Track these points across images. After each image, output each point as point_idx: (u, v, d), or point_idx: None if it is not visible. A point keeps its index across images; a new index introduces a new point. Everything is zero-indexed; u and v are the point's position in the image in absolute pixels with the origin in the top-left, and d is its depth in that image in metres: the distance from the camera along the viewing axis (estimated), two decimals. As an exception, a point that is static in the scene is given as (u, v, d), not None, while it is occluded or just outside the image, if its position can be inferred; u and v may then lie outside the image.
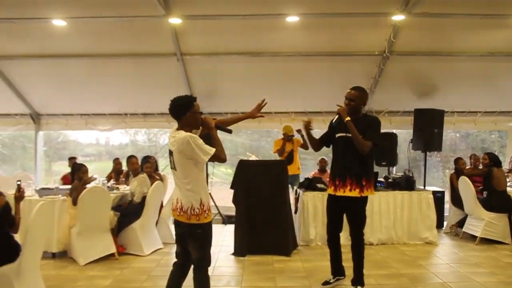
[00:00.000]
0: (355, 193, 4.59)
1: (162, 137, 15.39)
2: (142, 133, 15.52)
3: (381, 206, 7.14)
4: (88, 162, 15.00)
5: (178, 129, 3.72)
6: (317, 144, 5.00)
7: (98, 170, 9.35)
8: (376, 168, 8.73)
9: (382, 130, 8.69)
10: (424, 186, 8.23)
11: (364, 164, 4.58)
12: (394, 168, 8.96)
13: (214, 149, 3.58)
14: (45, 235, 4.87)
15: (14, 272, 4.16)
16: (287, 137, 8.61)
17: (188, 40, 7.85)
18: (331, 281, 5.03)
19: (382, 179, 7.75)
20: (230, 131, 4.07)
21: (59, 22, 7.18)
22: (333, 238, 4.99)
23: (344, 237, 6.06)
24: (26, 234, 4.30)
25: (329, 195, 4.87)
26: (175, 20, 7.08)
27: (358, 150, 4.46)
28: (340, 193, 4.66)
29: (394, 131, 9.12)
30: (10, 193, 5.02)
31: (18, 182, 4.56)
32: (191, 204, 3.63)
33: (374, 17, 7.29)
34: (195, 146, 3.52)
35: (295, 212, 7.34)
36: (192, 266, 3.85)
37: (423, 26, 7.48)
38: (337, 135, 4.70)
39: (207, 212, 3.69)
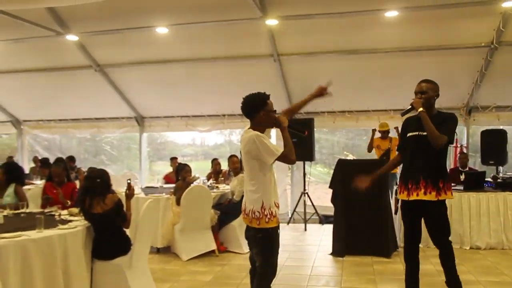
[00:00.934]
0: (431, 197, 4.06)
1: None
2: (237, 133, 15.84)
3: (490, 207, 6.70)
4: (185, 162, 15.54)
5: (250, 128, 3.59)
6: (400, 161, 4.57)
7: (195, 170, 9.71)
8: (483, 167, 8.24)
9: (489, 127, 8.39)
10: (540, 187, 7.57)
11: (439, 164, 4.13)
12: (503, 167, 8.35)
13: (281, 150, 3.41)
14: (152, 231, 5.14)
15: (126, 263, 4.45)
16: (383, 134, 8.34)
17: (285, 40, 7.92)
18: None
19: (490, 179, 7.27)
20: (303, 132, 3.92)
21: (161, 30, 7.59)
22: (410, 249, 4.49)
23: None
24: (137, 229, 4.58)
25: (403, 201, 4.35)
26: (271, 22, 7.17)
27: (432, 144, 3.95)
28: (413, 197, 4.14)
29: (503, 127, 8.52)
30: (120, 191, 5.38)
31: (128, 181, 4.85)
32: (252, 207, 3.48)
33: (481, 6, 6.82)
34: (261, 146, 3.39)
35: (395, 213, 7.10)
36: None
37: (537, 13, 6.89)
38: (408, 135, 4.27)
39: (268, 216, 3.45)
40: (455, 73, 8.27)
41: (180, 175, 6.84)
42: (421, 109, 4.02)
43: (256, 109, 3.54)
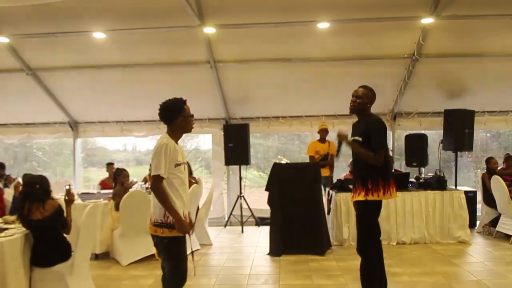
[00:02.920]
0: (360, 197, 4.23)
1: (189, 142, 15.67)
2: (170, 139, 15.74)
3: (413, 206, 7.23)
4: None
5: (167, 132, 3.59)
6: None
7: (136, 175, 9.66)
8: (407, 169, 8.84)
9: (412, 131, 9.02)
10: (456, 186, 8.27)
11: (368, 166, 4.19)
12: (425, 169, 9.00)
13: (161, 171, 3.40)
14: (94, 236, 5.13)
15: (68, 270, 4.45)
16: (322, 134, 8.54)
17: (221, 48, 8.09)
18: None
19: (413, 180, 7.84)
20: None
21: (99, 35, 7.52)
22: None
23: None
24: (78, 235, 4.59)
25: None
26: (209, 30, 7.33)
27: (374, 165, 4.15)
28: (353, 199, 4.38)
29: (424, 132, 9.18)
30: (57, 197, 5.32)
31: (67, 187, 4.82)
32: (156, 216, 3.49)
33: (403, 21, 7.38)
34: (156, 156, 3.42)
35: (328, 213, 7.49)
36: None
37: (452, 28, 7.54)
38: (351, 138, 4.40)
39: (171, 224, 3.45)
40: (381, 81, 8.82)
41: (118, 180, 6.82)
42: (347, 142, 4.27)
43: (173, 115, 3.53)
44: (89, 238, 4.88)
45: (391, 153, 9.55)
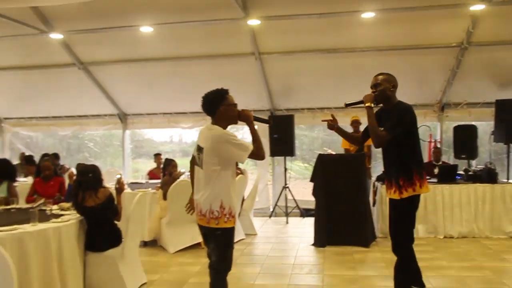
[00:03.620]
0: (395, 196, 3.91)
1: (237, 133, 15.78)
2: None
3: (461, 199, 7.07)
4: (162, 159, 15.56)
5: (212, 124, 3.47)
6: (359, 140, 4.35)
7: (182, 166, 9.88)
8: (455, 161, 8.62)
9: (461, 122, 8.76)
10: (508, 179, 7.98)
11: (399, 161, 3.89)
12: (475, 161, 8.75)
13: (251, 147, 3.34)
14: (143, 223, 5.31)
15: (118, 255, 4.63)
16: (355, 127, 8.37)
17: (266, 39, 8.15)
18: None
19: (461, 172, 7.64)
20: (269, 122, 3.78)
21: (146, 29, 7.74)
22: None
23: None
24: (128, 222, 4.77)
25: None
26: (253, 22, 7.39)
27: (373, 143, 3.91)
28: (388, 195, 4.06)
29: (474, 123, 8.90)
30: (108, 186, 5.54)
31: (118, 176, 5.01)
32: (210, 207, 3.37)
33: (452, 9, 7.20)
34: (232, 144, 3.31)
35: (373, 205, 7.43)
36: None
37: (503, 14, 7.28)
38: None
39: (227, 216, 3.38)
40: (429, 71, 8.63)
41: (166, 170, 7.00)
42: (368, 104, 3.83)
43: (215, 105, 3.42)
44: (138, 226, 5.04)
45: (438, 145, 9.34)
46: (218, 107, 3.40)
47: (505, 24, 7.49)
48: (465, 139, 8.44)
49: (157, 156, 9.44)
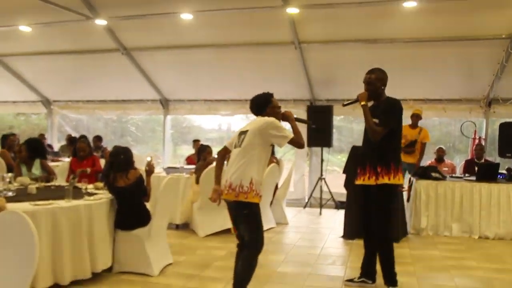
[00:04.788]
0: (371, 181, 4.27)
1: None
2: (261, 120, 15.96)
3: (501, 199, 6.79)
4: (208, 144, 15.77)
5: None
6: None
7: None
8: (499, 160, 8.27)
9: (509, 119, 8.37)
10: (554, 180, 7.59)
11: (378, 149, 4.21)
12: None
13: (291, 135, 3.72)
14: (170, 206, 5.44)
15: (146, 234, 4.79)
16: (414, 120, 8.17)
17: (305, 28, 8.05)
18: (354, 280, 4.64)
19: (504, 171, 7.33)
20: (307, 122, 4.49)
21: (186, 16, 7.85)
22: (366, 231, 4.54)
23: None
24: (156, 204, 4.92)
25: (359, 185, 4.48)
26: (292, 10, 7.34)
27: (370, 138, 4.23)
28: (359, 181, 4.42)
29: (524, 120, 8.50)
30: (143, 169, 5.71)
31: (148, 158, 5.16)
32: (240, 182, 3.67)
33: (500, -2, 6.89)
34: (278, 128, 3.70)
35: (408, 200, 7.28)
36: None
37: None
38: None
39: (256, 192, 3.68)
40: (475, 64, 8.28)
41: (201, 156, 7.10)
42: (363, 102, 4.22)
43: (263, 107, 3.90)
44: (166, 208, 5.17)
45: (483, 142, 9.01)
46: (265, 109, 3.88)
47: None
48: (511, 137, 8.08)
49: (195, 142, 9.61)
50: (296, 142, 3.75)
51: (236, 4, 7.46)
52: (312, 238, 6.94)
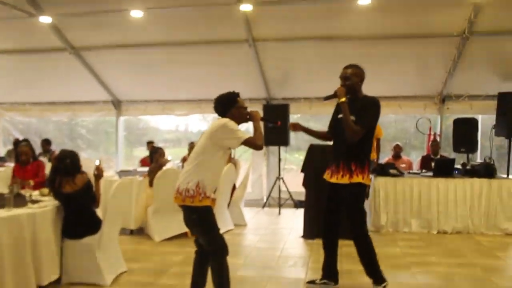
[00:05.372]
0: (344, 180, 4.12)
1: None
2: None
3: (457, 193, 6.87)
4: (167, 148, 15.62)
5: None
6: (325, 135, 4.56)
7: (178, 155, 9.73)
8: (455, 155, 8.40)
9: (462, 115, 8.53)
10: (508, 174, 7.73)
11: (353, 147, 4.09)
12: (475, 155, 8.53)
13: (248, 135, 3.54)
14: (122, 212, 5.17)
15: (96, 243, 4.50)
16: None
17: (260, 26, 7.91)
18: (316, 282, 4.53)
19: (459, 166, 7.43)
20: (276, 122, 4.08)
21: (136, 13, 7.52)
22: (328, 231, 4.48)
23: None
24: (106, 210, 4.64)
25: (327, 182, 4.36)
26: (246, 7, 7.16)
27: (347, 137, 4.05)
28: (333, 180, 4.24)
29: (475, 116, 8.64)
30: (92, 173, 5.40)
31: (97, 162, 4.88)
32: (186, 185, 3.53)
33: (453, -4, 6.97)
34: (228, 130, 3.51)
35: (366, 198, 7.24)
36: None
37: (506, 2, 7.00)
38: (338, 116, 4.21)
39: (202, 195, 3.51)
40: (429, 62, 8.38)
41: (154, 158, 6.88)
42: (343, 99, 4.05)
43: (228, 107, 3.70)
44: (117, 214, 4.90)
45: (438, 138, 9.14)
46: (230, 109, 3.68)
47: (507, 12, 7.19)
48: (465, 132, 8.21)
49: (149, 143, 9.34)
50: (252, 144, 3.56)
51: (188, 1, 7.23)
52: (272, 239, 6.81)
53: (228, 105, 3.70)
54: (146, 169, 7.57)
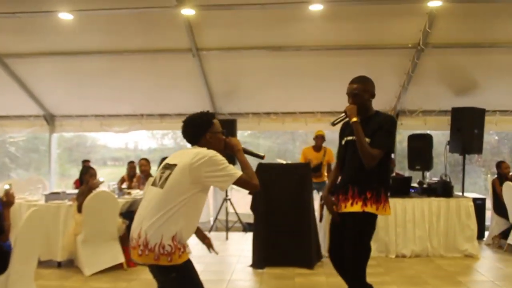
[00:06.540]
0: (356, 208, 3.44)
1: (170, 140, 15.14)
2: (169, 137, 15.19)
3: (415, 214, 6.52)
4: (117, 167, 14.84)
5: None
6: (340, 170, 3.78)
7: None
8: (410, 173, 8.10)
9: (416, 131, 8.25)
10: (463, 192, 7.51)
11: (370, 172, 3.45)
12: (429, 173, 8.25)
13: (240, 173, 2.80)
14: (39, 244, 4.40)
15: (3, 285, 3.74)
16: (317, 142, 8.17)
17: (204, 34, 7.34)
18: None
19: (416, 185, 7.13)
20: (261, 157, 3.27)
21: (65, 16, 6.73)
22: (342, 270, 3.68)
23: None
24: (15, 243, 3.87)
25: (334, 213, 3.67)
26: (188, 11, 6.56)
27: (364, 163, 3.42)
28: (342, 209, 3.53)
29: (429, 132, 8.43)
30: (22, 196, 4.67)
31: (6, 186, 4.12)
32: (160, 240, 2.68)
33: (407, 4, 6.64)
34: (215, 166, 2.75)
35: (320, 221, 6.73)
36: None
37: (462, 14, 6.77)
38: (345, 139, 3.68)
39: (182, 250, 2.73)
40: (383, 75, 8.06)
41: (84, 179, 6.10)
42: (355, 119, 3.44)
43: (200, 132, 2.95)
44: (30, 247, 4.14)
45: (392, 156, 8.81)
46: (203, 134, 2.95)
47: (464, 24, 6.97)
48: (420, 149, 7.94)
49: (84, 162, 8.46)
50: (246, 183, 2.82)
51: (121, 3, 6.53)
52: (218, 269, 6.18)
53: (202, 129, 2.95)
54: (77, 191, 6.79)
